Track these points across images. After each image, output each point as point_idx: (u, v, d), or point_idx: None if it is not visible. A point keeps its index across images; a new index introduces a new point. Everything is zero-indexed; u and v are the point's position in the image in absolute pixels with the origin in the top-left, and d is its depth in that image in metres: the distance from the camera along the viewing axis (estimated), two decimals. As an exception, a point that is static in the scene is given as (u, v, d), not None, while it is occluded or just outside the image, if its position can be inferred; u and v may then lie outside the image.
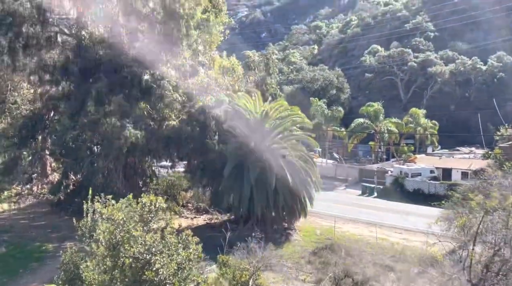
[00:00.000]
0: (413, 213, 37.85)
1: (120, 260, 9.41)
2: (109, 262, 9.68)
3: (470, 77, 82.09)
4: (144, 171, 33.61)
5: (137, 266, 9.29)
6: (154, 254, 9.37)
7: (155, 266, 9.14)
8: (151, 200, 10.39)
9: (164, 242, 9.76)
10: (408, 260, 24.65)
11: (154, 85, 27.58)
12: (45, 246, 25.46)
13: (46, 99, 30.31)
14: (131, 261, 9.30)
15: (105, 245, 9.93)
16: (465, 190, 19.02)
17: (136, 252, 9.35)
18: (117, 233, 9.86)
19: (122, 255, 9.47)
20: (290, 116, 30.56)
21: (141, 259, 9.30)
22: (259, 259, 16.05)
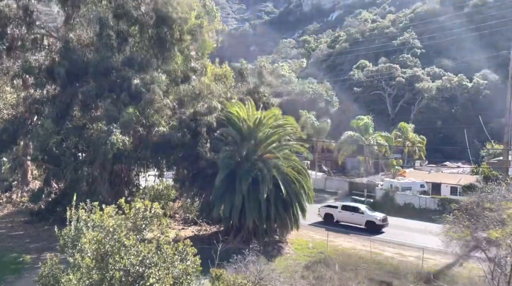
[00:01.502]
0: (405, 227, 37.28)
1: (109, 273, 8.31)
2: (95, 275, 8.57)
3: (456, 93, 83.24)
4: (131, 180, 32.32)
5: (128, 280, 8.20)
6: (148, 266, 8.31)
7: (149, 281, 8.07)
8: (145, 205, 9.35)
9: (159, 253, 8.70)
10: (405, 275, 23.93)
11: (144, 90, 26.56)
12: (22, 257, 23.88)
13: (29, 103, 28.92)
14: (121, 274, 8.21)
15: (92, 256, 8.81)
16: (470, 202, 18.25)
17: (127, 264, 8.27)
18: (106, 242, 8.77)
19: (111, 267, 8.37)
20: (284, 125, 29.79)
21: (133, 272, 8.23)
22: (257, 273, 14.96)
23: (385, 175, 57.81)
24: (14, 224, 29.59)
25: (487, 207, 15.60)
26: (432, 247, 28.73)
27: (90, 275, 8.65)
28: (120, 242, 8.68)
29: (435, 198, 43.07)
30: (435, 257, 28.41)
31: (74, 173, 25.22)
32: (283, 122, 30.37)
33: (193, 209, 31.74)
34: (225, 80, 33.35)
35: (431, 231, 35.02)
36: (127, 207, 9.81)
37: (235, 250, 25.96)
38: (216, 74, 33.47)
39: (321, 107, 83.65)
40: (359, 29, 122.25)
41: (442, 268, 26.28)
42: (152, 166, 33.23)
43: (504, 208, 14.83)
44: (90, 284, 8.58)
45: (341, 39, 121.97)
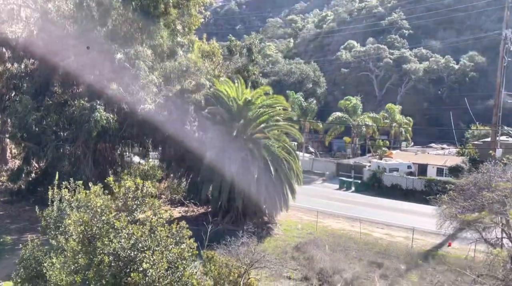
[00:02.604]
0: (393, 208, 37.33)
1: (97, 258, 7.52)
2: (81, 259, 7.78)
3: (443, 75, 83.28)
4: (115, 159, 31.25)
5: (118, 265, 7.44)
6: (141, 250, 7.55)
7: (142, 266, 7.31)
8: (137, 184, 8.55)
9: (153, 236, 7.93)
10: (396, 256, 23.80)
11: (128, 65, 25.31)
12: (2, 238, 22.93)
13: (6, 78, 27.39)
14: (111, 259, 7.44)
15: (78, 239, 7.99)
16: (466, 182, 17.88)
17: (117, 248, 7.50)
18: (94, 223, 7.95)
19: (100, 251, 7.58)
20: (274, 105, 28.99)
21: (123, 257, 7.46)
22: (252, 255, 14.40)
23: (372, 156, 57.84)
24: (-8, 205, 28.44)
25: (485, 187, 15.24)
26: (420, 228, 28.75)
27: (76, 259, 7.86)
28: (109, 224, 7.88)
29: (422, 179, 43.18)
30: (423, 237, 28.45)
31: (55, 151, 24.06)
32: (273, 101, 29.57)
33: (180, 189, 30.96)
34: (213, 57, 32.17)
35: (419, 212, 35.46)
36: (116, 186, 8.99)
37: (224, 231, 25.51)
38: (204, 50, 32.23)
39: (309, 88, 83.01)
40: (347, 8, 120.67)
41: (432, 248, 26.32)
42: (137, 145, 32.24)
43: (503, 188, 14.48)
44: (75, 269, 7.79)
45: (329, 19, 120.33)
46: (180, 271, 7.76)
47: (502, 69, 35.91)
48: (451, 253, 25.11)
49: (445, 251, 25.83)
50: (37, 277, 12.12)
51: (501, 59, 35.80)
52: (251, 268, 14.18)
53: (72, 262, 7.93)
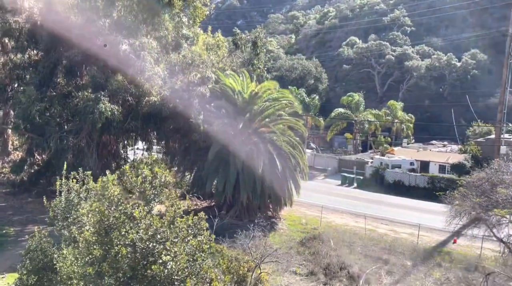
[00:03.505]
0: (396, 204, 37.21)
1: (114, 249, 7.27)
2: (96, 251, 7.52)
3: (445, 73, 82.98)
4: (118, 152, 30.99)
5: (136, 257, 7.19)
6: (160, 242, 7.31)
7: (161, 258, 7.07)
8: (155, 172, 8.31)
9: (172, 227, 7.69)
10: (402, 252, 23.65)
11: (133, 57, 24.97)
12: (5, 230, 22.69)
13: (10, 69, 27.04)
14: (129, 251, 7.19)
15: (93, 229, 7.72)
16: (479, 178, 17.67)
17: (136, 239, 7.25)
18: (111, 213, 7.69)
19: (117, 242, 7.33)
20: (279, 99, 28.74)
21: (142, 248, 7.21)
22: (263, 249, 14.20)
23: (374, 153, 57.66)
24: (-5, 196, 28.21)
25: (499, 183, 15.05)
26: (424, 225, 28.63)
27: (90, 250, 7.60)
28: (127, 214, 7.63)
29: (425, 176, 43.02)
30: (428, 234, 28.34)
31: (59, 143, 23.76)
32: (278, 95, 29.34)
33: (184, 183, 30.71)
34: (218, 50, 31.83)
35: (422, 209, 35.35)
36: (132, 174, 8.74)
37: (228, 225, 25.35)
38: (209, 43, 31.88)
39: (310, 84, 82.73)
40: (349, 5, 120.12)
41: (437, 245, 26.20)
42: (141, 138, 31.97)
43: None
44: (90, 261, 7.53)
45: (330, 15, 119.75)
46: (199, 264, 7.54)
47: (507, 67, 35.70)
48: (457, 250, 25.00)
49: (450, 247, 25.71)
50: (44, 269, 11.90)
51: (506, 56, 35.59)
52: (262, 262, 13.97)
53: (86, 253, 7.67)
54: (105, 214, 7.64)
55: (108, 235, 7.47)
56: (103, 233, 7.53)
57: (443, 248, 25.54)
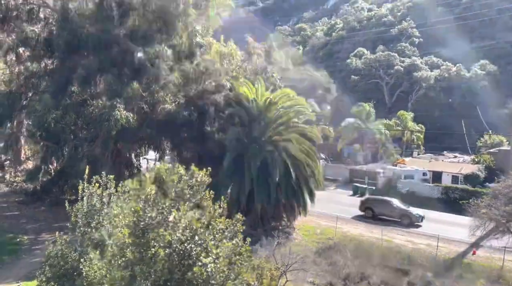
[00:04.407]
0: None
1: (150, 251, 6.99)
2: (130, 253, 7.23)
3: (454, 84, 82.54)
4: (131, 161, 30.87)
5: (174, 259, 6.90)
6: (197, 243, 7.02)
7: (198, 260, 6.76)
8: (192, 171, 8.08)
9: (210, 228, 7.40)
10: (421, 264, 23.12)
11: (148, 64, 25.02)
12: (19, 238, 22.50)
13: (25, 77, 27.17)
14: (168, 252, 6.90)
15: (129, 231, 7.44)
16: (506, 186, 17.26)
17: (174, 240, 6.98)
18: (147, 214, 7.40)
19: (154, 244, 7.05)
20: (294, 106, 28.56)
21: (180, 250, 6.93)
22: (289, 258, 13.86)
23: (385, 163, 57.10)
24: (8, 205, 28.07)
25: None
26: (441, 235, 28.04)
27: (123, 253, 7.32)
28: (164, 214, 7.37)
29: (439, 186, 42.41)
30: (446, 245, 27.70)
31: (73, 151, 23.69)
32: (292, 103, 29.14)
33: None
34: (231, 59, 31.85)
35: (438, 219, 34.73)
36: (166, 173, 8.52)
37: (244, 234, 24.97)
38: (222, 52, 31.91)
39: (319, 95, 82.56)
40: (356, 17, 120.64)
41: (456, 256, 25.58)
42: (154, 147, 31.86)
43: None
44: (125, 264, 7.22)
45: (338, 27, 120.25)
46: (238, 268, 7.24)
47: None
48: (478, 262, 24.37)
49: (470, 259, 25.08)
50: (65, 276, 11.64)
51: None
52: (288, 271, 13.62)
53: (119, 256, 7.39)
54: (141, 214, 7.37)
55: (144, 236, 7.19)
56: (139, 234, 7.24)
57: (463, 260, 24.92)
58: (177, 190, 8.01)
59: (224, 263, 7.02)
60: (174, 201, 7.91)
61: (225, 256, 7.29)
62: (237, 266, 7.35)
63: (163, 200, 7.72)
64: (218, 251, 7.04)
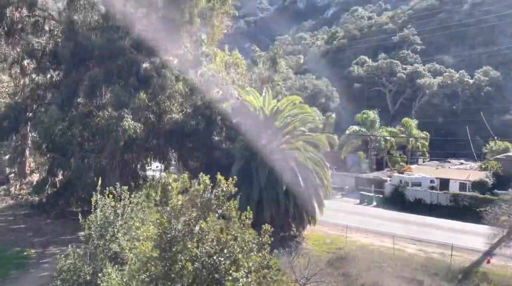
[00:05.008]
0: (421, 223, 35.99)
1: (178, 264, 6.64)
2: (153, 267, 6.87)
3: (458, 90, 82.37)
4: (137, 171, 30.57)
5: (202, 273, 6.55)
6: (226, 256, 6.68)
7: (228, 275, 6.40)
8: (218, 180, 7.79)
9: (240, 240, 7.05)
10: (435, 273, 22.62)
11: (155, 74, 24.86)
12: (26, 252, 22.09)
13: (31, 89, 27.03)
14: (196, 266, 6.55)
15: (155, 243, 7.09)
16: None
17: (203, 253, 6.63)
18: (173, 225, 7.06)
19: (181, 257, 6.70)
20: (300, 114, 28.31)
21: (207, 263, 6.58)
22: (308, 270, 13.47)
23: (391, 171, 56.66)
24: (14, 217, 27.73)
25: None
26: (454, 244, 27.53)
27: (147, 267, 6.97)
28: (190, 226, 7.04)
29: (448, 194, 41.88)
30: (459, 253, 27.15)
31: (81, 162, 23.42)
32: (299, 111, 28.90)
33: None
34: (236, 68, 31.71)
35: (448, 228, 34.20)
36: (189, 183, 8.24)
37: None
38: (227, 61, 31.80)
39: (322, 103, 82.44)
40: (357, 25, 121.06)
41: (471, 265, 25.06)
42: (159, 158, 31.56)
43: None
44: (149, 280, 6.85)
45: (339, 35, 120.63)
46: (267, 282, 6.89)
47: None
48: (493, 270, 23.86)
49: (485, 268, 24.56)
50: (78, 290, 11.28)
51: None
52: (308, 283, 13.23)
53: (143, 270, 7.04)
54: (166, 226, 7.03)
55: (170, 250, 6.84)
56: (167, 247, 6.90)
57: (478, 268, 24.40)
58: (203, 200, 7.66)
59: (255, 278, 6.66)
60: (201, 211, 7.58)
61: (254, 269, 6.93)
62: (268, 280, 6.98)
63: (190, 211, 7.39)
64: (250, 265, 6.68)
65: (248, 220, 7.74)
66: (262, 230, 7.87)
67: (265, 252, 7.47)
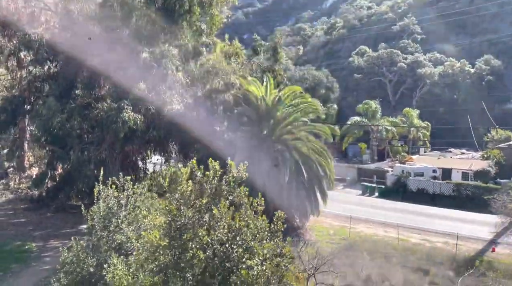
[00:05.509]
0: (423, 213, 35.86)
1: (189, 253, 6.31)
2: (162, 256, 6.56)
3: (459, 79, 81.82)
4: (137, 164, 30.22)
5: (214, 262, 6.24)
6: (239, 244, 6.36)
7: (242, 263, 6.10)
8: (228, 165, 7.48)
9: (253, 226, 6.73)
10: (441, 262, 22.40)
11: (154, 64, 24.38)
12: (27, 245, 21.80)
13: (28, 81, 26.55)
14: (208, 254, 6.23)
15: (164, 232, 6.77)
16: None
17: (215, 241, 6.31)
18: (182, 213, 6.73)
19: (191, 245, 6.37)
20: (303, 104, 27.91)
21: (220, 251, 6.27)
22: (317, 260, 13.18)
23: (392, 161, 56.40)
24: (14, 211, 27.43)
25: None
26: (457, 233, 27.32)
27: (156, 256, 6.66)
28: (201, 213, 6.72)
29: (450, 183, 41.65)
30: (463, 242, 26.98)
31: (80, 155, 23.04)
32: (301, 101, 28.49)
33: (206, 194, 29.73)
34: (237, 58, 31.21)
35: (451, 217, 34.03)
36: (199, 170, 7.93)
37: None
38: (227, 51, 31.28)
39: (322, 94, 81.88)
40: (357, 15, 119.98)
41: (476, 254, 24.86)
42: (160, 150, 31.22)
43: None
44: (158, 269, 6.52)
45: (338, 25, 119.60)
46: (281, 270, 6.58)
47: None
48: (499, 259, 23.65)
49: (490, 256, 24.36)
50: (82, 283, 10.99)
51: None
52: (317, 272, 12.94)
53: (151, 259, 6.73)
54: (176, 214, 6.69)
55: (180, 238, 6.51)
56: (176, 235, 6.56)
57: (483, 257, 24.19)
58: (213, 186, 7.32)
59: (269, 266, 6.36)
60: (211, 198, 7.26)
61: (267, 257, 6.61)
62: (281, 268, 6.68)
63: (200, 198, 7.06)
64: (265, 252, 6.37)
65: (260, 206, 7.37)
66: (275, 217, 7.54)
67: (278, 240, 7.16)
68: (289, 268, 6.87)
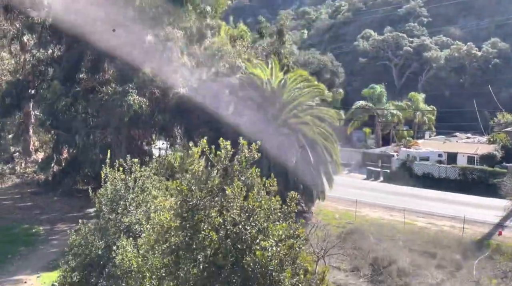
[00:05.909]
0: (429, 197, 35.71)
1: (201, 234, 6.22)
2: (173, 238, 6.49)
3: (465, 63, 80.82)
4: (143, 148, 30.15)
5: (227, 243, 6.15)
6: (252, 225, 6.27)
7: (255, 244, 6.01)
8: (241, 144, 7.35)
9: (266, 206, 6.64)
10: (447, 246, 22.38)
11: (159, 47, 24.10)
12: (35, 229, 21.95)
13: (32, 65, 26.35)
14: (221, 235, 6.13)
15: (175, 212, 6.68)
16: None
17: (228, 222, 6.22)
18: (194, 192, 6.62)
19: (204, 226, 6.28)
20: (309, 87, 27.61)
21: (234, 232, 6.17)
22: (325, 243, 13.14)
23: (397, 146, 56.12)
24: (21, 195, 27.56)
25: None
26: (462, 217, 27.24)
27: (166, 237, 6.58)
28: (214, 192, 6.62)
29: (456, 167, 41.42)
30: (470, 226, 26.90)
31: (86, 138, 22.97)
32: (307, 84, 28.19)
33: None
34: (242, 41, 30.79)
35: (457, 201, 33.92)
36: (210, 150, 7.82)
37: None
38: (232, 34, 30.87)
39: (327, 79, 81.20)
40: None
41: (482, 237, 24.81)
42: (165, 134, 31.11)
43: None
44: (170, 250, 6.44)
45: (343, 9, 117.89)
46: (296, 251, 6.50)
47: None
48: (506, 243, 23.59)
49: (497, 240, 24.31)
50: (90, 265, 11.02)
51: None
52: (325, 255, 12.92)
53: (162, 241, 6.65)
54: (187, 194, 6.57)
55: (192, 218, 6.41)
56: (188, 216, 6.46)
57: (490, 241, 24.15)
58: (225, 166, 7.20)
59: (283, 247, 6.27)
60: (223, 178, 7.15)
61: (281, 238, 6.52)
62: (295, 250, 6.59)
63: (212, 177, 6.95)
64: (281, 233, 6.27)
65: (273, 187, 7.26)
66: (288, 198, 7.43)
67: (291, 221, 7.07)
68: (302, 249, 6.76)
